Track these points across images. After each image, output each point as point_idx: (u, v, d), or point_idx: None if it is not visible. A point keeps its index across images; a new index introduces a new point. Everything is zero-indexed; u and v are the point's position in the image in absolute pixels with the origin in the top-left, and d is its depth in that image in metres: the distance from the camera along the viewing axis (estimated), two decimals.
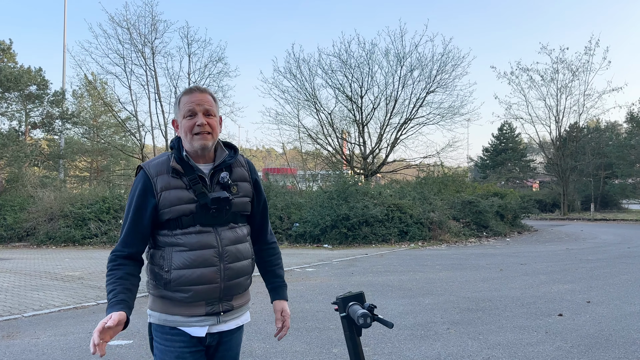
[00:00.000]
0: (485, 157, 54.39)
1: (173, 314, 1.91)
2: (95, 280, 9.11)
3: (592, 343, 5.04)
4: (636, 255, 12.57)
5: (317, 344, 5.07)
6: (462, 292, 7.87)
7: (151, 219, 1.92)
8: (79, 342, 5.22)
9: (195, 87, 1.99)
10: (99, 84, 30.09)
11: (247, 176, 2.07)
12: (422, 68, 25.98)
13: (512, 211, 22.55)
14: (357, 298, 1.45)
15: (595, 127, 44.83)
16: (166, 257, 1.90)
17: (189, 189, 1.91)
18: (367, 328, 1.32)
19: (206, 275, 1.88)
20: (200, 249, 1.89)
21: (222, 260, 1.91)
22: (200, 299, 1.89)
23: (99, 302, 7.27)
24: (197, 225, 1.90)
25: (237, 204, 1.99)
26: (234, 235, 1.97)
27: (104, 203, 16.96)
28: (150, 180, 1.92)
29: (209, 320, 1.93)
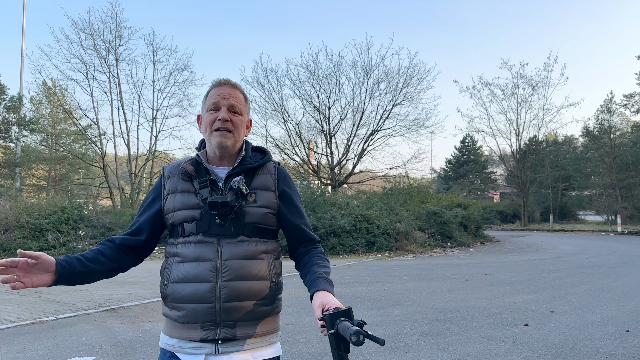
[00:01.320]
0: (448, 168, 55.50)
1: (172, 337, 1.70)
2: (53, 294, 8.75)
3: (558, 352, 5.13)
4: (595, 266, 12.97)
5: (287, 357, 4.99)
6: (429, 302, 7.93)
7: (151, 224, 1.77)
8: (38, 359, 4.98)
9: (227, 80, 1.78)
10: (58, 90, 29.22)
11: (272, 185, 1.76)
12: (388, 81, 26.41)
13: (475, 222, 23.01)
14: (346, 314, 1.41)
15: (553, 141, 46.39)
16: (167, 268, 1.72)
17: (197, 193, 1.70)
18: (358, 345, 1.28)
19: (199, 292, 1.62)
20: (196, 261, 1.65)
21: (220, 276, 1.63)
22: (194, 320, 1.64)
23: (58, 316, 6.97)
24: (199, 234, 1.67)
25: (252, 214, 1.69)
26: (241, 250, 1.67)
27: (62, 213, 16.38)
28: (162, 182, 1.79)
29: (205, 348, 1.64)
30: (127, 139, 25.69)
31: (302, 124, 27.16)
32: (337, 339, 1.37)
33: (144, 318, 6.90)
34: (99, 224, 16.98)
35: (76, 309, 7.52)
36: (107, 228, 16.96)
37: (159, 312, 7.29)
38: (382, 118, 26.74)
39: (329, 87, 26.33)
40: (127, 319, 6.86)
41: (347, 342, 1.38)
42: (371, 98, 26.61)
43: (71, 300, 8.22)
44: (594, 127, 41.40)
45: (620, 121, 43.96)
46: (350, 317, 1.39)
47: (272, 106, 26.69)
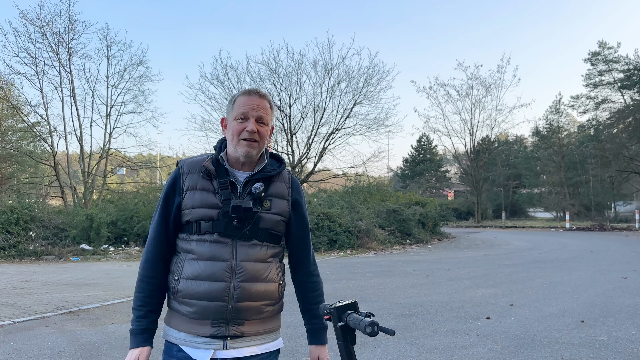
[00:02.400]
0: (405, 167, 56.48)
1: (179, 330, 1.74)
2: (8, 297, 8.37)
3: (520, 344, 5.33)
4: (547, 260, 13.53)
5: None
6: (394, 298, 8.07)
7: (175, 218, 1.79)
8: None
9: (256, 90, 1.82)
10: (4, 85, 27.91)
11: (287, 193, 1.85)
12: (349, 80, 26.59)
13: (432, 219, 23.54)
14: (352, 307, 1.44)
15: (505, 140, 47.98)
16: (179, 263, 1.75)
17: (216, 193, 1.75)
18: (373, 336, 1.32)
19: (213, 291, 1.68)
20: (211, 260, 1.70)
21: (234, 276, 1.70)
22: (205, 316, 1.70)
23: (15, 320, 6.68)
24: (215, 233, 1.72)
25: (267, 221, 1.78)
26: (255, 253, 1.75)
27: (12, 213, 15.65)
28: (180, 177, 1.79)
29: (214, 343, 1.71)
30: (79, 136, 24.83)
31: None
32: (343, 332, 1.39)
33: (106, 320, 6.71)
34: (50, 224, 16.34)
35: (33, 312, 7.23)
36: (59, 229, 16.35)
37: (122, 313, 7.11)
38: (342, 117, 26.94)
39: (290, 86, 26.32)
40: (88, 321, 6.65)
41: (353, 334, 1.41)
42: (332, 97, 26.77)
43: (27, 303, 7.89)
44: (544, 128, 43.12)
45: (567, 122, 45.99)
46: (356, 309, 1.42)
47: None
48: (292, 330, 6.00)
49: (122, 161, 27.61)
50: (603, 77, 39.93)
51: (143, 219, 16.31)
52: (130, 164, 27.91)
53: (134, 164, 28.42)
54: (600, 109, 40.71)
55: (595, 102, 40.76)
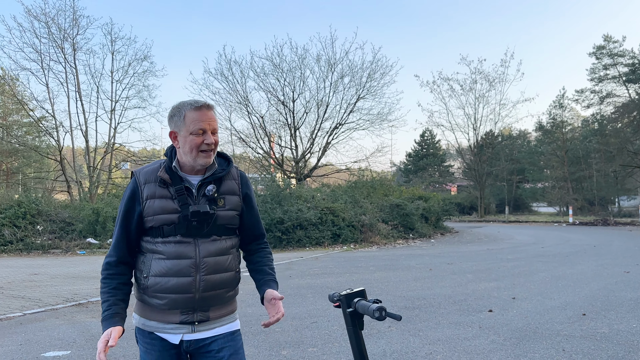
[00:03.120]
0: (408, 162, 56.41)
1: (150, 319, 1.96)
2: (17, 290, 8.52)
3: (522, 336, 5.42)
4: (550, 255, 13.59)
5: (265, 346, 5.08)
6: (397, 291, 8.17)
7: (137, 225, 1.95)
8: (10, 355, 4.89)
9: (205, 104, 1.94)
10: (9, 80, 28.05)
11: (237, 189, 2.04)
12: (352, 75, 26.62)
13: (435, 214, 23.61)
14: (361, 294, 1.54)
15: (508, 135, 47.90)
16: (146, 262, 1.94)
17: (174, 199, 1.91)
18: (381, 320, 1.41)
19: (181, 285, 1.89)
20: (177, 258, 1.90)
21: (199, 271, 1.90)
22: (175, 307, 1.91)
23: (25, 312, 6.82)
24: (177, 235, 1.90)
25: (223, 217, 1.96)
26: (215, 248, 1.95)
27: (19, 208, 15.85)
28: (138, 187, 1.95)
29: (183, 328, 1.94)
30: (85, 131, 24.95)
31: (266, 117, 27.13)
32: (352, 317, 1.48)
33: None
34: (57, 218, 16.52)
35: (43, 304, 7.37)
36: (66, 222, 16.52)
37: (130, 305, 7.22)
38: (346, 112, 26.99)
39: (294, 81, 26.36)
40: (97, 313, 6.77)
41: (362, 320, 1.50)
42: (335, 92, 26.82)
43: (37, 295, 8.03)
44: (547, 122, 43.02)
45: (571, 116, 45.88)
46: (364, 296, 1.52)
47: (236, 99, 26.50)
48: (297, 322, 6.11)
49: (126, 156, 27.75)
50: (608, 71, 39.81)
51: None
52: (134, 159, 28.05)
53: (139, 159, 28.55)
54: (604, 103, 40.64)
55: (599, 96, 40.66)
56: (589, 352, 4.81)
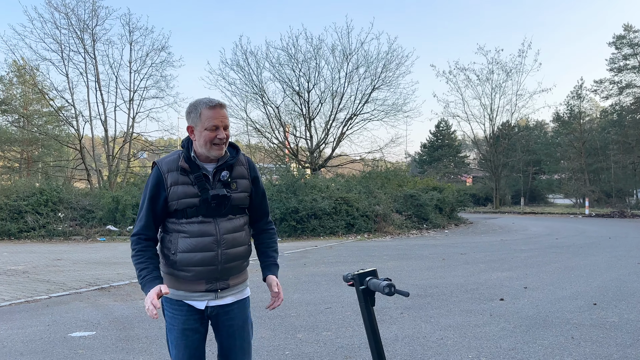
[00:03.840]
0: (423, 152, 56.20)
1: (178, 289, 2.24)
2: (42, 274, 8.84)
3: (532, 324, 5.54)
4: (564, 246, 13.60)
5: (281, 330, 5.28)
6: (410, 280, 8.31)
7: (162, 208, 2.23)
8: (39, 334, 5.15)
9: (218, 103, 2.21)
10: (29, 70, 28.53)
11: (247, 174, 2.35)
12: (367, 65, 26.60)
13: (450, 204, 23.62)
14: (373, 274, 1.69)
15: (525, 126, 47.45)
16: (173, 241, 2.21)
17: (194, 185, 2.20)
18: (391, 295, 1.56)
19: (206, 259, 2.19)
20: (201, 236, 2.19)
21: (220, 246, 2.22)
22: (200, 278, 2.21)
23: (51, 295, 7.11)
24: (199, 216, 2.20)
25: (236, 199, 2.27)
26: (231, 225, 2.26)
27: (41, 195, 16.27)
28: (162, 176, 2.21)
29: (208, 295, 2.24)
30: (104, 120, 25.37)
31: (281, 108, 27.28)
32: (365, 294, 1.64)
33: (136, 296, 7.08)
34: (78, 206, 16.92)
35: (67, 287, 7.66)
36: (86, 210, 16.91)
37: None
38: (361, 102, 27.02)
39: (309, 71, 26.43)
40: (119, 297, 7.04)
41: (373, 297, 1.66)
42: (350, 82, 26.83)
43: (61, 279, 8.33)
44: (564, 113, 42.52)
45: (590, 107, 45.26)
46: (376, 276, 1.67)
47: (252, 89, 26.68)
48: (311, 308, 6.30)
49: (144, 145, 28.14)
50: (628, 61, 39.18)
51: None
52: (152, 148, 28.43)
53: (156, 148, 28.93)
54: (624, 94, 40.03)
55: (619, 86, 40.06)
56: (598, 339, 4.92)
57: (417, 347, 4.69)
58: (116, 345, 4.77)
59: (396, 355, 4.43)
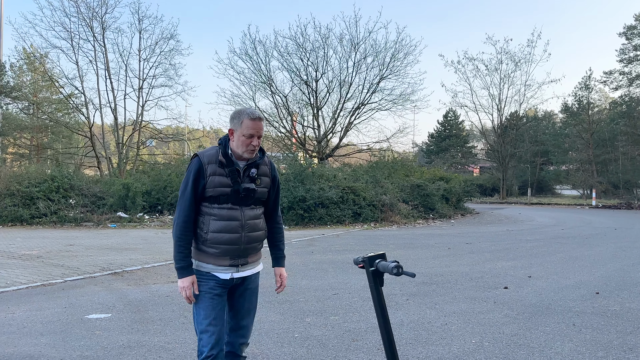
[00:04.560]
0: (430, 142, 56.11)
1: (207, 263, 2.67)
2: (56, 259, 9.07)
3: (534, 311, 5.68)
4: (569, 236, 13.69)
5: (290, 314, 5.45)
6: (416, 268, 8.45)
7: (200, 193, 2.63)
8: (57, 316, 5.34)
9: (258, 117, 2.64)
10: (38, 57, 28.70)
11: (269, 173, 2.81)
12: (375, 54, 26.57)
13: (456, 195, 23.68)
14: (382, 257, 1.84)
15: (533, 116, 47.19)
16: (205, 222, 2.64)
17: (227, 177, 2.64)
18: (398, 276, 1.70)
19: (232, 239, 2.64)
20: (229, 220, 2.64)
21: (244, 229, 2.67)
22: (226, 254, 2.65)
23: (66, 279, 7.32)
24: (229, 203, 2.64)
25: (259, 192, 2.74)
26: (253, 213, 2.73)
27: (52, 182, 16.51)
28: (203, 166, 2.63)
29: (232, 269, 2.69)
30: (114, 108, 25.56)
31: (289, 97, 27.34)
32: (374, 276, 1.78)
33: (149, 280, 7.28)
34: (89, 192, 17.17)
35: (82, 272, 7.87)
36: (97, 197, 17.16)
37: (163, 275, 7.69)
38: (368, 92, 27.01)
39: (317, 60, 26.43)
40: (132, 281, 7.24)
41: (382, 278, 1.80)
42: (358, 72, 26.82)
43: (75, 264, 8.55)
44: (572, 104, 42.25)
45: (599, 97, 44.95)
46: (385, 258, 1.81)
47: (260, 78, 26.75)
48: (319, 294, 6.47)
49: (153, 133, 28.35)
50: (638, 52, 38.78)
51: (176, 189, 16.96)
52: (161, 136, 28.64)
53: (165, 136, 29.14)
54: (634, 85, 39.66)
55: (629, 77, 39.70)
56: (598, 327, 5.05)
57: (422, 331, 4.84)
58: (131, 327, 4.96)
59: (401, 339, 4.59)
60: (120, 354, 4.17)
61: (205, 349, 2.64)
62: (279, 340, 4.55)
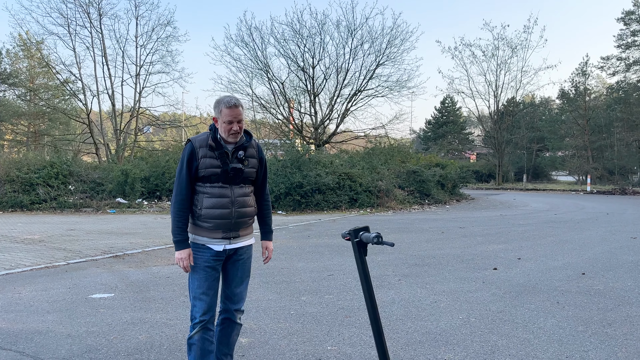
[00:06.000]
0: (427, 129, 56.30)
1: (202, 236, 2.94)
2: (57, 243, 9.27)
3: (521, 290, 5.91)
4: (561, 221, 13.95)
5: (286, 293, 5.67)
6: (409, 251, 8.69)
7: (194, 174, 2.91)
8: (62, 296, 5.56)
9: (234, 104, 2.87)
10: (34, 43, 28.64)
11: (256, 154, 3.06)
12: (372, 41, 26.61)
13: (452, 181, 23.92)
14: (365, 229, 2.05)
15: (530, 102, 47.39)
16: (199, 200, 2.92)
17: (217, 159, 2.90)
18: (380, 245, 1.90)
19: (223, 214, 2.90)
20: (220, 197, 2.91)
21: (234, 205, 2.93)
22: (218, 228, 2.91)
23: (69, 262, 7.53)
24: (219, 182, 2.91)
25: (247, 172, 2.99)
26: (242, 191, 2.99)
27: (51, 168, 16.67)
28: (195, 150, 2.91)
29: (224, 241, 2.95)
30: (111, 94, 25.62)
31: (286, 84, 27.40)
32: (359, 246, 1.98)
33: (150, 263, 7.50)
34: (88, 179, 17.34)
35: (84, 255, 8.08)
36: (96, 183, 17.33)
37: (162, 258, 7.91)
38: (365, 78, 27.10)
39: (314, 47, 26.46)
40: (133, 264, 7.45)
41: (365, 248, 2.00)
42: (355, 58, 26.88)
43: (76, 248, 8.76)
44: (569, 90, 42.39)
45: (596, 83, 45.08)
46: (368, 231, 2.01)
47: (256, 65, 26.79)
48: (315, 275, 6.69)
49: (150, 120, 28.44)
50: (636, 38, 38.84)
51: (174, 176, 17.12)
52: (158, 123, 28.72)
53: (162, 123, 29.22)
54: (631, 71, 39.77)
55: (626, 63, 39.78)
56: (581, 304, 5.29)
57: (412, 309, 5.08)
58: (134, 305, 5.18)
59: (392, 315, 4.82)
60: (125, 329, 4.38)
61: (197, 314, 2.91)
62: (275, 317, 4.77)
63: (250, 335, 4.25)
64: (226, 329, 3.11)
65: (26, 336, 4.20)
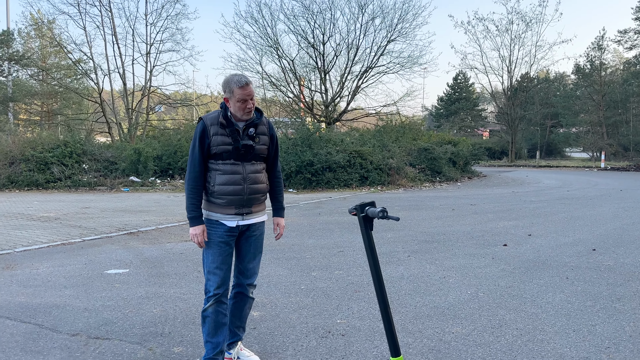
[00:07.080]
0: (440, 106, 55.76)
1: (215, 212, 3.01)
2: (73, 220, 9.44)
3: (531, 266, 5.94)
4: (573, 197, 13.87)
5: (297, 269, 5.76)
6: (419, 228, 8.73)
7: (206, 151, 2.97)
8: (78, 271, 5.70)
9: (245, 82, 2.90)
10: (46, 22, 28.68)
11: (267, 132, 3.11)
12: (383, 16, 26.28)
13: (464, 158, 23.79)
14: (371, 204, 2.09)
15: (544, 78, 46.62)
16: (212, 177, 2.99)
17: (228, 136, 2.96)
18: (385, 219, 1.94)
19: (235, 190, 2.97)
20: (232, 174, 2.97)
21: (246, 182, 2.99)
22: (231, 204, 2.98)
23: (85, 238, 7.68)
24: (231, 159, 2.97)
25: (258, 149, 3.05)
26: (253, 168, 3.04)
27: (65, 147, 16.86)
28: (206, 128, 2.97)
29: (237, 217, 3.02)
30: (122, 73, 25.68)
31: (296, 61, 27.22)
32: (365, 221, 2.02)
33: (163, 240, 7.63)
34: (101, 157, 17.53)
35: (99, 232, 8.24)
36: (109, 162, 17.52)
37: (176, 235, 8.03)
38: (376, 55, 26.81)
39: (324, 23, 26.18)
40: (148, 240, 7.59)
41: (372, 223, 2.04)
42: (366, 34, 26.58)
43: (91, 225, 8.92)
44: (584, 65, 41.61)
45: (612, 58, 44.15)
46: (374, 206, 2.05)
47: (266, 42, 26.61)
48: (325, 251, 6.76)
49: (161, 99, 28.51)
50: None
51: (186, 154, 17.25)
52: (169, 102, 28.79)
53: (173, 102, 29.28)
54: None
55: None
56: (591, 280, 5.31)
57: (421, 284, 5.14)
58: (149, 280, 5.30)
59: (401, 290, 4.89)
60: (140, 303, 4.50)
61: (211, 288, 3.00)
62: (286, 292, 4.86)
63: (261, 308, 4.35)
64: (239, 302, 3.20)
65: (44, 310, 4.34)
